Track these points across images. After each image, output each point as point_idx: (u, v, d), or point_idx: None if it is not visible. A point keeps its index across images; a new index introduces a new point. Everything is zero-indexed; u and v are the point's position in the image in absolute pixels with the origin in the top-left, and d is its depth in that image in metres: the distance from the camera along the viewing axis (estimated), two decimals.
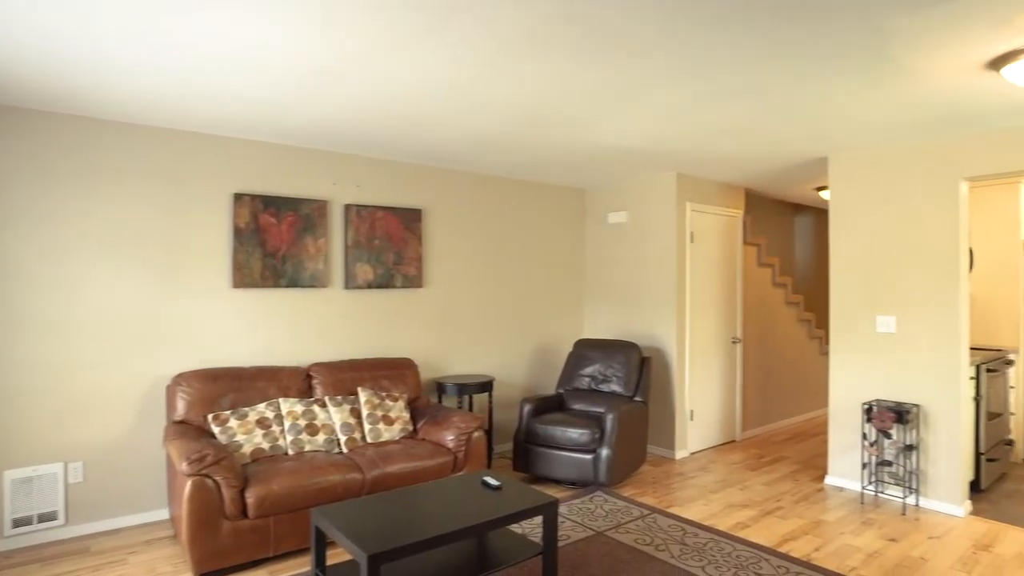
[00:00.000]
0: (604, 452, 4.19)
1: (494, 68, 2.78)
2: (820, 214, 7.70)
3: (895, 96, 3.16)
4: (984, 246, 5.26)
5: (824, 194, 6.01)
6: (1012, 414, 4.97)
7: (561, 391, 4.99)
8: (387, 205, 4.70)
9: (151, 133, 3.74)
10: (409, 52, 2.60)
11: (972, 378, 4.26)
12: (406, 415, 4.12)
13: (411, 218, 4.80)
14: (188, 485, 2.91)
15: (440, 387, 4.68)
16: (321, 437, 3.74)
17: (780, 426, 6.32)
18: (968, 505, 3.97)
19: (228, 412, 3.58)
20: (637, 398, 4.69)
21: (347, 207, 4.46)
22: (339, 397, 3.98)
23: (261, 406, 3.70)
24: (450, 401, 4.99)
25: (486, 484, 2.98)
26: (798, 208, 7.41)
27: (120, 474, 3.65)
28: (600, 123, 3.68)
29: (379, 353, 4.67)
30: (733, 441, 5.72)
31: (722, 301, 5.59)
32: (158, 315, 3.77)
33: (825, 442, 5.67)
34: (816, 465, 4.96)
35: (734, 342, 5.71)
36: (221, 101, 3.27)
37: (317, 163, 4.36)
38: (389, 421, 4.02)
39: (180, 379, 3.63)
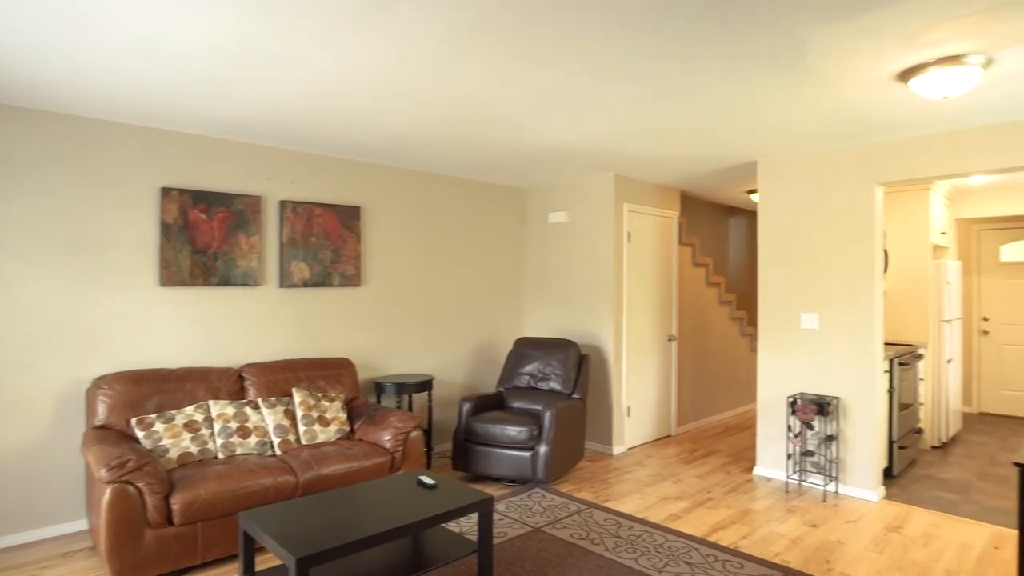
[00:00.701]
0: (542, 449, 4.24)
1: (428, 64, 2.77)
2: (752, 216, 8.01)
3: (815, 103, 3.32)
4: (897, 248, 5.59)
5: (754, 197, 6.26)
6: (921, 404, 5.31)
7: (501, 389, 5.02)
8: (324, 202, 4.61)
9: (68, 121, 3.55)
10: (339, 43, 2.56)
11: (886, 371, 4.52)
12: (343, 416, 4.06)
13: (349, 215, 4.73)
14: (108, 493, 2.78)
15: (379, 387, 4.63)
16: (253, 440, 3.64)
17: (713, 420, 6.54)
18: (882, 490, 4.22)
19: (154, 416, 3.44)
20: (575, 395, 4.76)
21: (282, 203, 4.36)
22: (273, 398, 3.88)
23: (189, 409, 3.57)
24: (389, 401, 4.94)
25: (421, 483, 2.97)
26: (732, 211, 7.69)
27: (35, 484, 3.45)
28: (537, 123, 3.72)
29: (316, 353, 4.57)
30: (668, 436, 5.89)
31: (658, 300, 5.74)
32: (77, 315, 3.58)
33: (755, 435, 5.90)
34: (746, 457, 5.17)
35: (669, 340, 5.88)
36: (144, 90, 3.13)
37: (251, 157, 4.23)
38: (325, 422, 3.95)
39: (101, 382, 3.46)
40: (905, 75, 2.86)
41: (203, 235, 4.00)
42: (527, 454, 4.27)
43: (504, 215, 5.89)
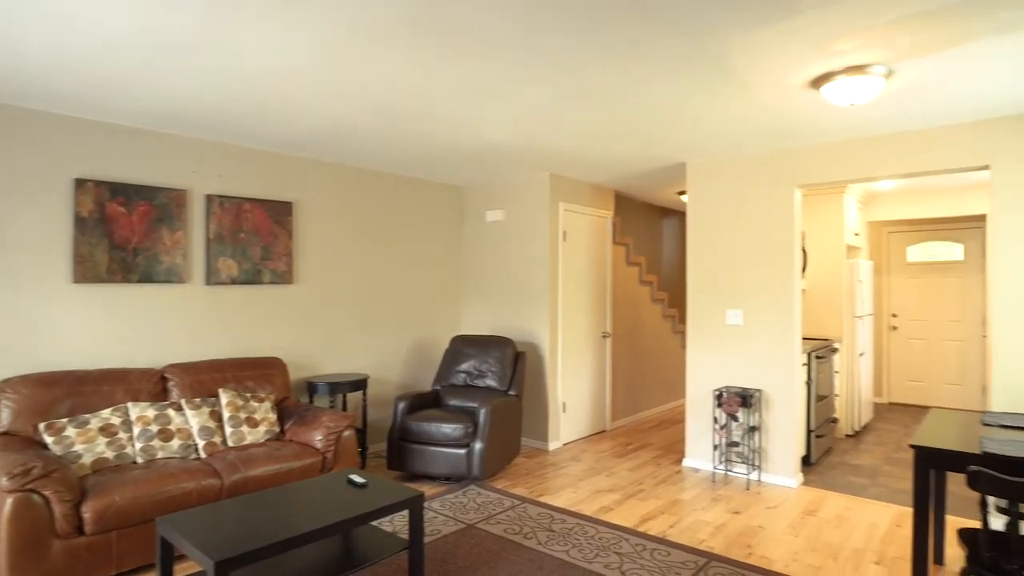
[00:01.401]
0: (477, 446, 4.26)
1: (348, 55, 2.74)
2: (684, 217, 8.27)
3: (737, 107, 3.47)
4: (815, 248, 5.90)
5: (684, 198, 6.47)
6: (836, 395, 5.62)
7: (437, 388, 5.00)
8: (254, 197, 4.48)
9: None
10: (258, 31, 2.50)
11: (804, 365, 4.77)
12: (272, 416, 3.95)
13: (280, 211, 4.61)
14: (9, 503, 2.61)
15: (311, 387, 4.53)
16: (176, 443, 3.50)
17: (647, 415, 6.72)
18: (800, 477, 4.45)
19: (65, 420, 3.25)
20: (511, 392, 4.80)
21: (209, 198, 4.20)
22: (198, 399, 3.74)
23: (106, 412, 3.40)
24: (322, 401, 4.84)
25: (351, 482, 2.94)
26: (665, 212, 7.92)
27: None
28: (466, 120, 3.73)
29: (245, 353, 4.43)
30: (603, 431, 6.02)
31: (593, 298, 5.86)
32: None
33: (685, 428, 6.09)
34: (676, 450, 5.34)
35: (604, 337, 6.01)
36: (54, 74, 2.96)
37: (175, 149, 4.06)
38: (254, 423, 3.84)
39: (5, 385, 3.25)
40: (816, 82, 3.02)
41: (122, 229, 3.82)
42: (462, 451, 4.28)
43: (441, 213, 5.88)
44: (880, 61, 2.79)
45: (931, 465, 2.41)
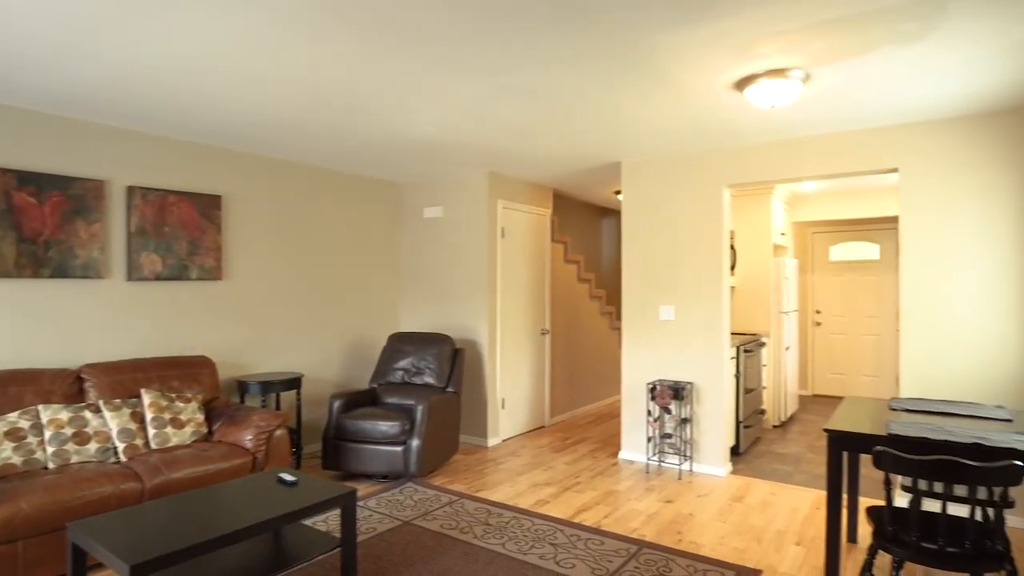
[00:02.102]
0: (414, 443, 4.23)
1: (276, 43, 2.68)
2: (621, 217, 8.45)
3: (667, 107, 3.57)
4: (744, 247, 6.14)
5: (621, 197, 6.61)
6: (764, 388, 5.86)
7: (374, 386, 4.94)
8: (180, 189, 4.30)
9: None
10: (172, 14, 2.40)
11: (733, 358, 4.95)
12: (200, 417, 3.81)
13: (209, 204, 4.44)
14: None
15: (242, 386, 4.39)
16: (93, 446, 3.32)
17: (585, 411, 6.83)
18: (729, 466, 4.62)
19: None
20: (449, 389, 4.79)
21: (130, 189, 4.01)
22: (118, 400, 3.56)
23: (13, 415, 3.20)
24: (254, 401, 4.70)
25: (281, 481, 2.87)
26: (604, 212, 8.07)
27: None
28: (399, 113, 3.69)
29: (170, 351, 4.25)
30: (542, 427, 6.08)
31: (531, 295, 5.91)
32: None
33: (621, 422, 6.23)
34: (613, 443, 5.45)
35: (543, 333, 6.07)
36: None
37: (91, 137, 3.86)
38: (179, 424, 3.69)
39: None
40: (740, 84, 3.15)
41: (32, 221, 3.60)
42: (399, 449, 4.24)
43: (379, 209, 5.80)
44: (798, 65, 2.93)
45: (842, 447, 2.55)
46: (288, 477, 2.87)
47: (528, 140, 4.31)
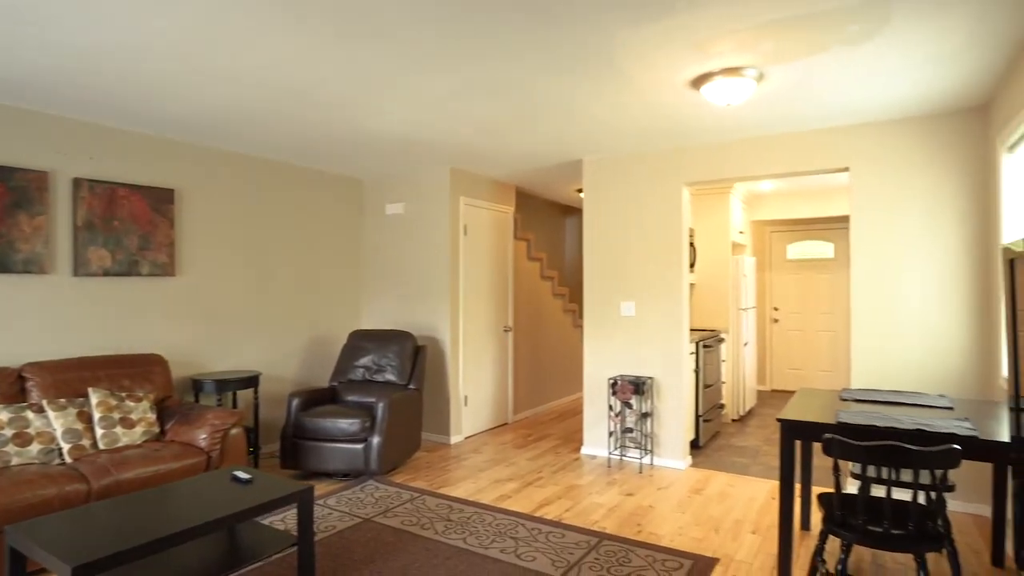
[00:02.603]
0: (375, 440, 4.18)
1: (232, 34, 2.62)
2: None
3: (626, 104, 3.61)
4: (704, 245, 6.25)
5: (583, 195, 6.66)
6: (723, 383, 5.98)
7: (335, 384, 4.87)
8: (131, 182, 4.17)
9: None
10: None
11: (693, 353, 5.04)
12: (151, 416, 3.70)
13: (161, 198, 4.31)
14: None
15: (197, 385, 4.28)
16: (35, 447, 3.19)
17: (548, 407, 6.86)
18: (689, 459, 4.69)
19: None
20: (411, 386, 4.75)
21: (77, 181, 3.86)
22: (63, 400, 3.43)
23: None
24: (209, 400, 4.58)
25: (236, 479, 2.80)
26: (567, 210, 8.12)
27: None
28: (361, 108, 3.66)
29: (120, 349, 4.12)
30: (505, 424, 6.08)
31: (494, 292, 5.91)
32: None
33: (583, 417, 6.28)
34: (575, 439, 5.48)
35: (506, 330, 6.07)
36: None
37: (34, 126, 3.71)
38: (129, 424, 3.57)
39: None
40: (697, 82, 3.20)
41: None
42: (359, 447, 4.18)
43: (341, 206, 5.72)
44: (752, 64, 2.99)
45: (795, 436, 2.62)
46: (243, 475, 2.81)
47: (491, 138, 4.31)
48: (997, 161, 3.37)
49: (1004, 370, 3.26)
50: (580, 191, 6.58)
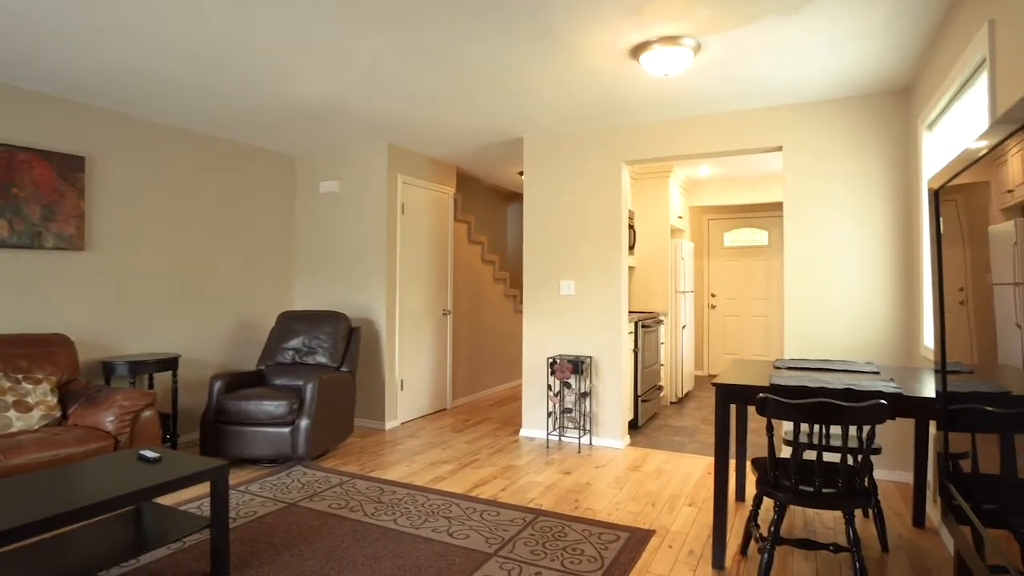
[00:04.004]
0: (303, 423, 3.98)
1: None
2: None
3: (566, 72, 3.53)
4: (643, 228, 6.29)
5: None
6: (662, 365, 6.02)
7: (262, 367, 4.62)
8: (33, 146, 3.82)
9: None
10: None
11: (631, 333, 5.04)
12: (52, 400, 3.39)
13: (69, 166, 3.97)
14: None
15: (108, 367, 3.97)
16: None
17: (489, 393, 6.76)
18: (627, 439, 4.68)
19: None
20: (344, 368, 4.56)
21: None
22: None
23: None
24: (122, 383, 4.26)
25: (143, 458, 2.58)
26: (510, 196, 8.03)
27: None
28: (284, 70, 3.45)
29: (17, 328, 3.77)
30: (444, 409, 5.94)
31: (433, 274, 5.76)
32: None
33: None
34: (515, 423, 5.40)
35: (445, 314, 5.93)
36: None
37: None
38: (25, 407, 3.26)
39: None
40: (636, 51, 3.16)
41: None
42: (286, 430, 3.97)
43: (273, 183, 5.45)
44: (689, 33, 2.96)
45: (730, 400, 2.60)
46: (150, 454, 2.59)
47: (427, 109, 4.16)
48: (918, 140, 3.47)
49: (926, 339, 3.36)
50: (522, 174, 6.51)
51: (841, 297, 3.92)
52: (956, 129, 2.95)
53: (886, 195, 3.82)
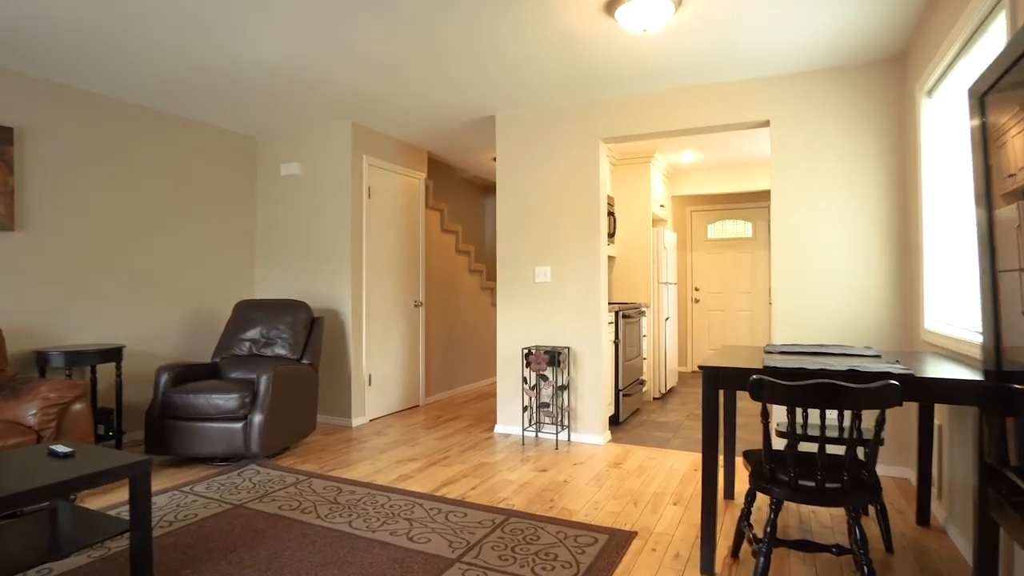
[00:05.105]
0: (256, 419, 3.65)
1: None
2: None
3: (538, 29, 3.25)
4: (624, 216, 6.03)
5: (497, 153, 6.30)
6: (644, 359, 5.77)
7: (217, 359, 4.28)
8: None
9: None
10: None
11: (611, 323, 4.77)
12: None
13: None
14: None
15: (42, 358, 3.62)
16: None
17: (464, 390, 6.46)
18: (608, 435, 4.41)
19: None
20: (305, 361, 4.24)
21: None
22: None
23: None
24: (58, 375, 3.89)
25: (53, 453, 2.25)
26: (486, 189, 7.75)
27: None
28: (238, 29, 3.13)
29: None
30: (416, 406, 5.63)
31: (403, 264, 5.45)
32: None
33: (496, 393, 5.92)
34: (489, 419, 5.11)
35: (416, 306, 5.63)
36: None
37: None
38: None
39: None
40: (611, 6, 2.89)
41: None
42: (239, 426, 3.64)
43: (232, 165, 5.10)
44: None
45: (719, 385, 2.34)
46: (62, 449, 2.26)
47: (394, 79, 3.86)
48: (917, 107, 3.25)
49: (926, 322, 3.13)
50: (495, 159, 6.22)
51: (834, 279, 3.68)
52: (959, 93, 2.72)
53: (881, 170, 3.59)
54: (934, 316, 3.13)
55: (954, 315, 2.88)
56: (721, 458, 3.92)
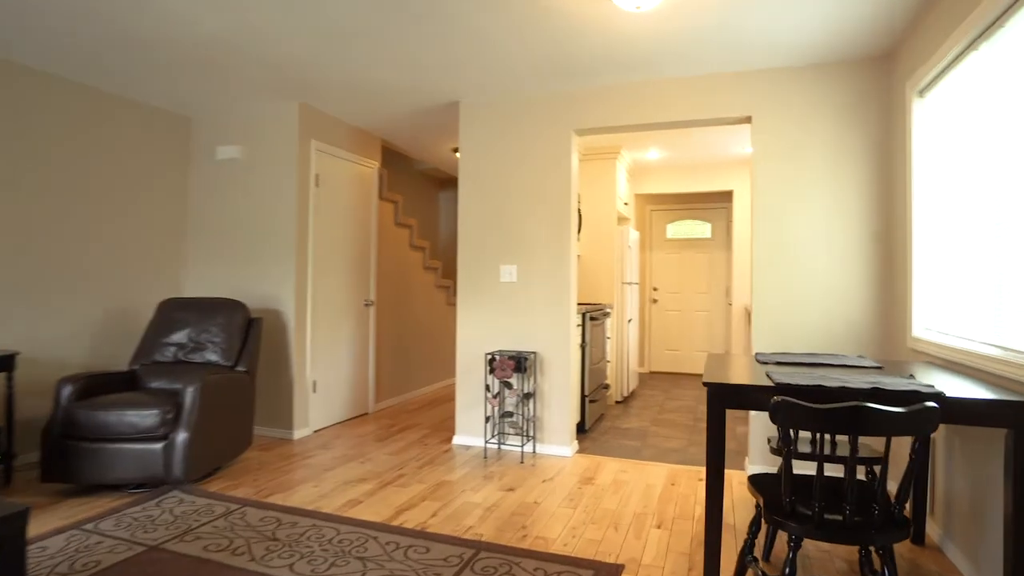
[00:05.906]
0: (180, 437, 3.16)
1: None
2: None
3: (510, 16, 2.90)
4: (589, 213, 5.76)
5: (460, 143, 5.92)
6: (608, 361, 5.52)
7: (136, 367, 3.75)
8: None
9: None
10: None
11: (579, 326, 4.47)
12: None
13: None
14: None
15: None
16: None
17: (417, 395, 6.05)
18: (575, 445, 4.12)
19: None
20: (240, 368, 3.76)
21: None
22: None
23: None
24: None
25: None
26: (443, 182, 7.34)
27: None
28: None
29: None
30: (366, 414, 5.19)
31: (353, 259, 5.00)
32: None
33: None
34: (447, 428, 4.73)
35: (367, 305, 5.18)
36: None
37: None
38: None
39: None
40: None
41: None
42: (158, 446, 3.15)
43: (162, 146, 4.52)
44: None
45: (725, 404, 2.06)
46: None
47: (346, 51, 3.42)
48: (908, 107, 3.07)
49: (914, 329, 2.96)
50: (456, 151, 5.84)
51: (815, 280, 3.49)
52: (957, 95, 2.54)
53: (867, 171, 3.42)
54: (923, 323, 2.96)
55: (947, 323, 2.70)
56: (692, 468, 3.69)
